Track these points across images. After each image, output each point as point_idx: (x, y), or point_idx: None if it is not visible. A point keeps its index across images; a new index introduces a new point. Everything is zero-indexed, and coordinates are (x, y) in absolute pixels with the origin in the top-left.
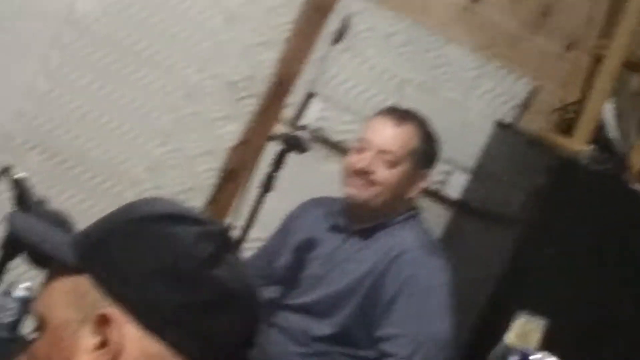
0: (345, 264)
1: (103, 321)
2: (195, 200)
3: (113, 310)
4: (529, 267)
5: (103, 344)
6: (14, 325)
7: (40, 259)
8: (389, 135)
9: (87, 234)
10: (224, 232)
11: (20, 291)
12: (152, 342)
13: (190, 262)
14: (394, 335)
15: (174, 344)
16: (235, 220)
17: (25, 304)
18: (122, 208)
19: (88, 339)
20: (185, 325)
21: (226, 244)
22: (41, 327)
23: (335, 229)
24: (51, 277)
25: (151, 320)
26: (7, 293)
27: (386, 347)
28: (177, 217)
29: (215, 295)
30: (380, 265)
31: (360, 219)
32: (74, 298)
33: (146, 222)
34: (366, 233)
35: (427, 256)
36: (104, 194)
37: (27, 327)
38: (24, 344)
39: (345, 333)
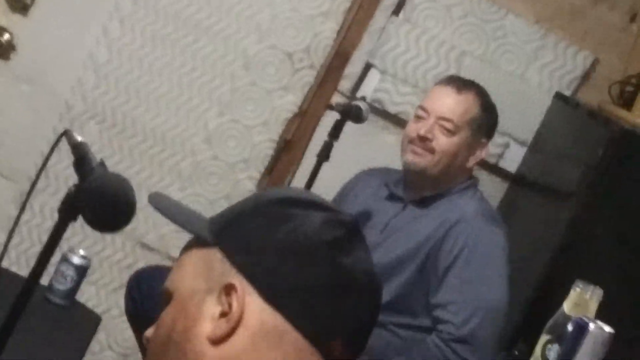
0: (403, 232)
1: (227, 291)
2: (253, 171)
3: (238, 281)
4: (586, 239)
5: (225, 313)
6: (71, 292)
7: (98, 222)
8: (449, 103)
9: (221, 213)
10: (352, 223)
11: (77, 258)
12: (271, 315)
13: (316, 243)
14: (448, 302)
15: (293, 320)
16: None
17: (82, 272)
18: (256, 193)
19: (212, 308)
20: (305, 303)
21: (354, 234)
22: (169, 298)
23: (392, 198)
24: (185, 251)
25: (272, 294)
26: (64, 259)
27: (441, 313)
28: (307, 202)
29: (336, 279)
30: (438, 232)
31: (418, 188)
32: (203, 269)
33: (277, 204)
34: (424, 202)
35: (485, 224)
36: (162, 163)
37: (83, 295)
38: (77, 310)
39: (401, 300)
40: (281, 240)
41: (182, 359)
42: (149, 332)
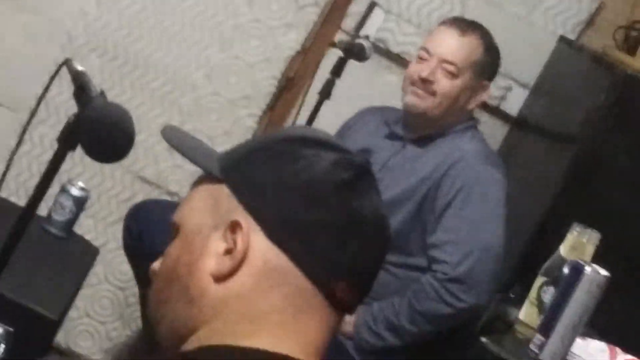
0: (402, 170)
1: (232, 228)
2: (254, 108)
3: (244, 219)
4: (586, 183)
5: (230, 250)
6: (69, 223)
7: (96, 151)
8: (452, 46)
9: (232, 149)
10: (364, 165)
11: (75, 190)
12: (276, 254)
13: (325, 183)
14: (445, 242)
15: (297, 259)
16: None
17: (80, 203)
18: (268, 132)
19: (217, 244)
20: (310, 243)
21: (365, 176)
22: (176, 231)
23: (392, 136)
24: (195, 185)
25: (277, 233)
26: (63, 191)
27: (436, 253)
28: (318, 141)
29: (343, 220)
30: (436, 172)
31: (418, 128)
32: (210, 205)
33: (287, 142)
34: (424, 141)
35: (484, 165)
36: (162, 98)
37: (81, 227)
38: (75, 242)
39: (398, 239)
40: (289, 180)
41: (185, 293)
42: (156, 264)
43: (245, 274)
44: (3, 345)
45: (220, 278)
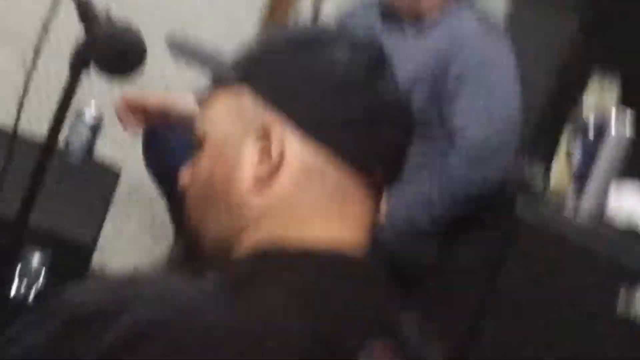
0: (408, 54)
1: (265, 133)
2: (255, 2)
3: (274, 121)
4: (605, 30)
5: (265, 155)
6: (87, 149)
7: (113, 66)
8: None
9: (243, 53)
10: (378, 47)
11: (90, 115)
12: (312, 151)
13: (348, 69)
14: (463, 123)
15: (334, 152)
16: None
17: (96, 128)
18: (281, 29)
19: (250, 151)
20: (345, 132)
21: (381, 57)
22: (201, 142)
23: (391, 24)
24: (211, 94)
25: (312, 128)
26: (77, 118)
27: (457, 134)
28: (331, 33)
29: (372, 103)
30: (442, 57)
31: (410, 18)
32: (235, 112)
33: (301, 38)
34: (422, 28)
35: (489, 42)
36: (160, 9)
37: (99, 151)
38: (95, 167)
39: (419, 116)
40: (314, 73)
41: (225, 206)
42: (185, 178)
43: (285, 177)
44: (44, 268)
45: (259, 186)
